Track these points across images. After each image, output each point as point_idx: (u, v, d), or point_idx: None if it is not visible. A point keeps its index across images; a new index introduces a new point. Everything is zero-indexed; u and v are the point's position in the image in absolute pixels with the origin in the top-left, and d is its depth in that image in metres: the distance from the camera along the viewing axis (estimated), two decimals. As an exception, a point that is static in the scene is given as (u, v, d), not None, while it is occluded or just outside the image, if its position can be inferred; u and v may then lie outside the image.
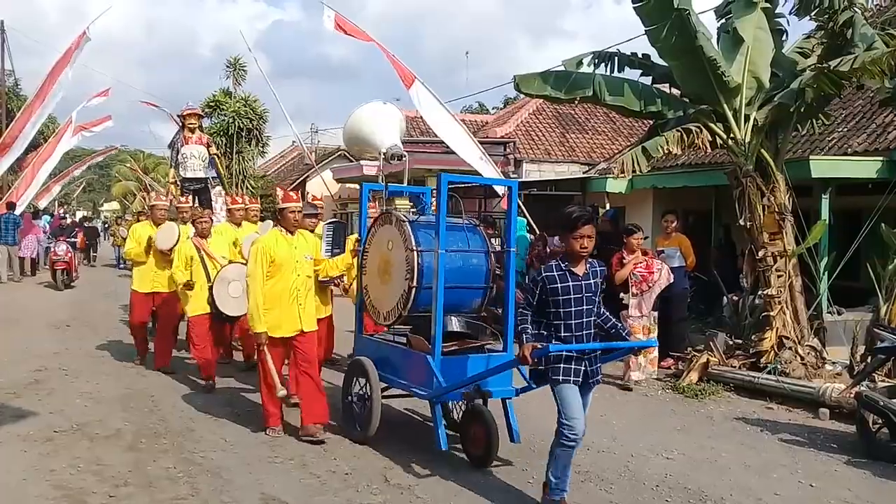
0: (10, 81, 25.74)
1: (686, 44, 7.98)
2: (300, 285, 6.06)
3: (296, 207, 6.09)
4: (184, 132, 10.83)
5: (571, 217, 4.41)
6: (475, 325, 6.09)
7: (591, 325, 4.55)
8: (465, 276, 5.70)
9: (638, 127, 18.04)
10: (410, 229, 5.62)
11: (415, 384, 5.61)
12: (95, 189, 64.33)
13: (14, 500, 4.66)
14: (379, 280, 5.99)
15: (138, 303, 8.79)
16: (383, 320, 6.00)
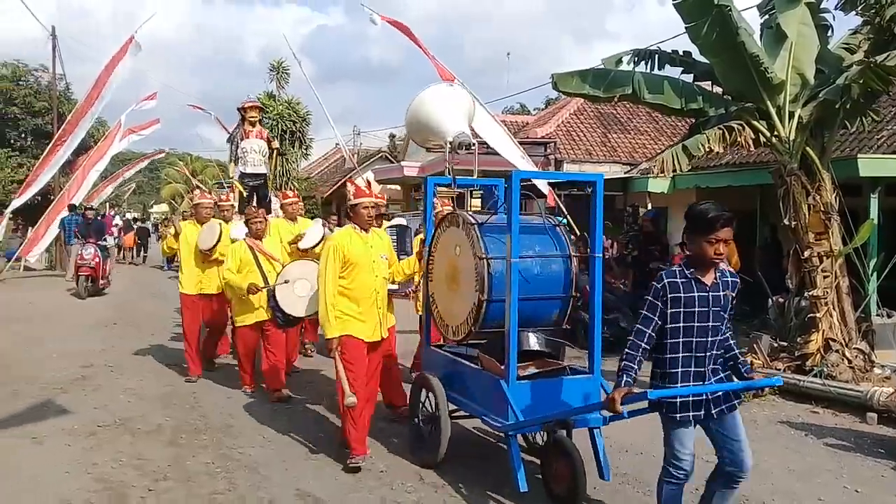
0: (61, 85, 26.36)
1: (728, 40, 7.83)
2: (379, 287, 5.57)
3: (369, 203, 5.57)
4: (244, 126, 10.35)
5: (707, 216, 3.61)
6: (555, 343, 5.41)
7: (716, 348, 3.77)
8: (543, 285, 4.98)
9: (681, 126, 17.78)
10: (479, 233, 4.93)
11: (487, 411, 4.94)
12: (145, 191, 65.70)
13: (57, 492, 4.78)
14: (447, 288, 5.40)
15: (188, 306, 8.43)
16: (452, 335, 5.33)
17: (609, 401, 3.70)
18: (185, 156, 50.17)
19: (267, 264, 7.39)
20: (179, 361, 9.01)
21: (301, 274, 6.89)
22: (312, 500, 4.77)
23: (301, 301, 6.80)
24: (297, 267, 7.07)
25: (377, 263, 5.57)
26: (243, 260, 7.36)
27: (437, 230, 5.64)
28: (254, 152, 10.28)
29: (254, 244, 7.48)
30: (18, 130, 26.07)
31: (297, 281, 6.86)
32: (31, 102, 25.75)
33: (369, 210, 5.55)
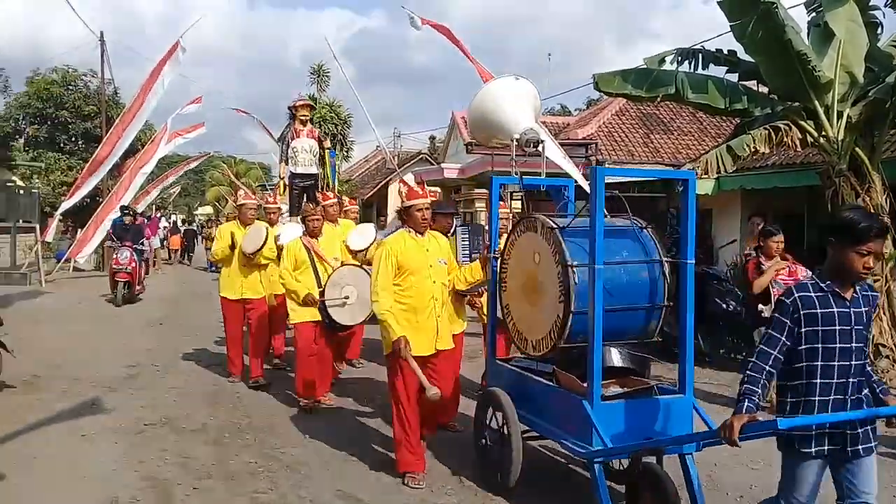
0: (109, 90, 26.97)
1: (774, 38, 7.71)
2: (437, 294, 5.17)
3: (423, 204, 5.15)
4: (294, 124, 10.02)
5: (858, 225, 3.14)
6: (640, 358, 4.92)
7: (859, 373, 3.29)
8: (632, 295, 4.50)
9: (726, 127, 17.52)
10: (561, 238, 4.47)
11: (565, 434, 4.44)
12: (190, 194, 66.80)
13: (104, 488, 4.88)
14: (525, 300, 4.91)
15: (229, 311, 8.21)
16: (532, 350, 4.83)
17: (726, 429, 3.12)
18: (228, 159, 50.96)
19: (320, 265, 7.08)
20: (223, 362, 9.14)
21: (351, 279, 6.66)
22: (353, 500, 4.80)
23: (348, 310, 6.62)
24: (349, 272, 6.79)
25: (435, 269, 5.20)
26: (299, 259, 7.00)
27: (510, 235, 5.16)
28: (304, 152, 9.97)
29: (309, 244, 7.10)
30: (68, 134, 26.74)
31: (346, 287, 6.62)
32: (81, 106, 26.41)
33: (424, 212, 5.15)
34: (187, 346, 10.23)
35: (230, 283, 8.16)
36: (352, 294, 6.62)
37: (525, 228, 4.95)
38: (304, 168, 9.97)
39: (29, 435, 6.01)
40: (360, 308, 6.56)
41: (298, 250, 7.04)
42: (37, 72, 27.29)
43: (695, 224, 4.50)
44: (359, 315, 6.65)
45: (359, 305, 6.54)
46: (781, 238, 7.13)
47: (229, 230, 8.21)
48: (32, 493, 4.79)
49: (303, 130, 10.02)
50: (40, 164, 25.67)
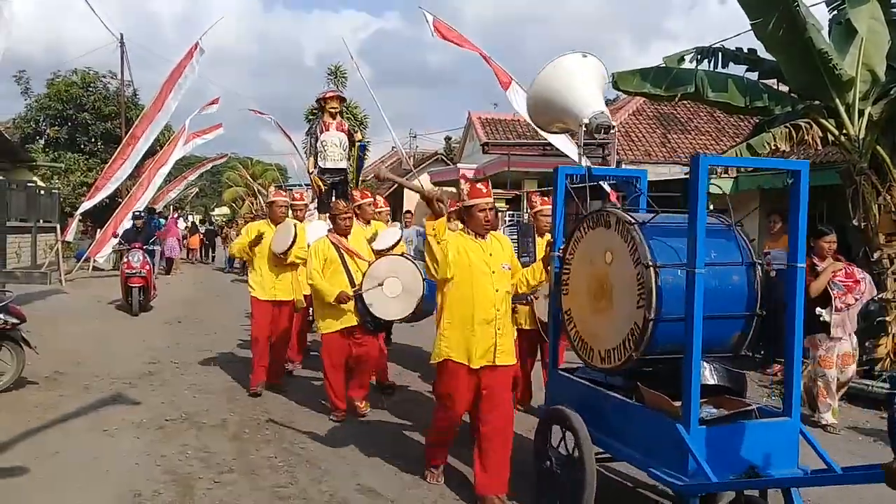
0: (129, 91, 27.20)
1: (795, 36, 7.67)
2: (499, 303, 4.68)
3: (486, 204, 4.69)
4: (323, 117, 9.44)
5: None
6: (737, 375, 4.28)
7: None
8: (722, 302, 3.96)
9: (744, 127, 17.42)
10: (642, 235, 3.92)
11: (654, 462, 3.85)
12: (207, 195, 67.16)
13: (127, 482, 4.93)
14: (590, 305, 4.35)
15: (259, 312, 7.70)
16: (601, 362, 4.26)
17: None
18: (245, 160, 51.24)
19: (353, 263, 6.58)
20: (242, 359, 9.21)
21: (390, 271, 6.00)
22: (373, 494, 4.82)
23: (393, 302, 5.93)
24: (385, 264, 6.14)
25: (497, 275, 4.69)
26: (328, 258, 6.52)
27: (575, 231, 4.55)
28: (334, 146, 9.40)
29: (338, 241, 6.61)
30: (88, 135, 27.00)
31: (386, 279, 5.94)
32: (101, 108, 26.66)
33: (487, 213, 4.66)
34: (206, 344, 10.29)
35: (262, 283, 7.72)
36: (393, 285, 5.94)
37: (594, 224, 4.37)
38: (333, 163, 9.42)
39: (51, 430, 6.08)
40: (405, 299, 5.93)
41: (326, 249, 6.56)
42: (57, 73, 27.62)
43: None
44: (406, 306, 5.95)
45: (404, 296, 5.92)
46: (834, 238, 6.87)
47: (257, 228, 7.76)
48: (56, 487, 4.84)
49: (332, 123, 9.45)
50: (60, 165, 25.93)
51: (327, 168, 9.41)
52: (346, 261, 6.56)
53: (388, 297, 5.91)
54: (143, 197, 20.07)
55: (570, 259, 4.60)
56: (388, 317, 6.04)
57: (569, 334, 4.60)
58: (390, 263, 6.12)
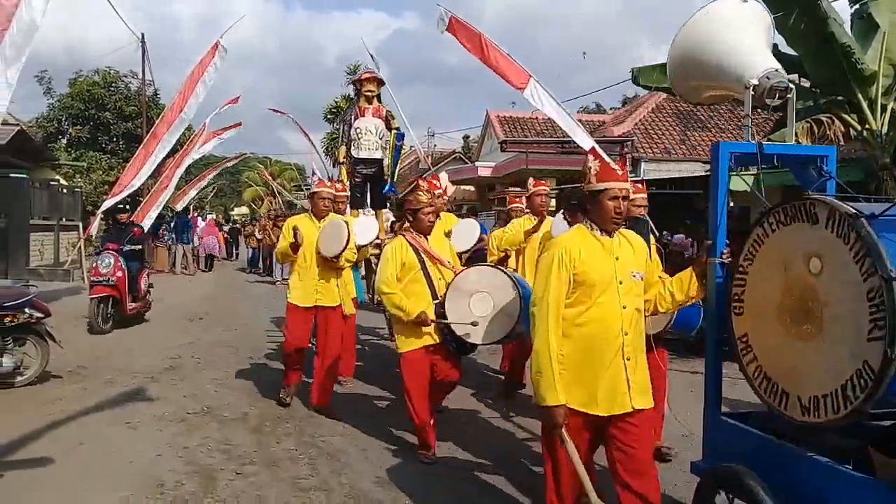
0: (150, 91, 27.45)
1: (816, 30, 7.63)
2: (629, 326, 3.41)
3: (621, 191, 3.39)
4: (359, 102, 8.44)
5: None
6: None
7: None
8: None
9: (764, 124, 17.29)
10: (875, 234, 2.77)
11: None
12: (226, 194, 67.67)
13: (150, 473, 4.99)
14: (782, 331, 3.22)
15: (295, 321, 6.69)
16: (804, 414, 3.10)
17: None
18: (264, 159, 51.58)
19: (435, 270, 5.37)
20: (262, 354, 9.29)
21: (479, 285, 5.03)
22: (392, 487, 4.84)
23: (482, 324, 4.97)
24: (474, 276, 5.13)
25: (626, 286, 3.43)
26: (406, 263, 5.31)
27: (756, 228, 3.43)
28: (369, 133, 8.35)
29: (418, 243, 5.38)
30: (110, 134, 27.29)
31: (474, 295, 5.00)
32: (122, 107, 26.94)
33: (620, 202, 3.41)
34: (227, 340, 10.39)
35: (303, 288, 6.64)
36: (483, 302, 4.98)
37: (787, 218, 3.24)
38: (367, 152, 8.38)
39: (76, 422, 6.16)
40: (497, 320, 4.93)
41: (404, 252, 5.34)
42: (79, 73, 27.94)
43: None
44: (496, 329, 4.95)
45: (495, 316, 4.94)
46: None
47: (294, 225, 6.60)
48: (81, 477, 4.90)
49: (368, 109, 8.39)
50: (83, 164, 26.23)
51: (361, 158, 8.38)
52: (427, 267, 5.34)
53: (475, 317, 4.99)
54: (163, 195, 20.23)
55: (745, 266, 3.49)
56: (475, 340, 5.06)
57: (744, 368, 3.48)
58: (480, 276, 5.11)
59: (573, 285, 3.39)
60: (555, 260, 3.39)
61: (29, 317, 7.25)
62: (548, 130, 20.73)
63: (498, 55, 11.05)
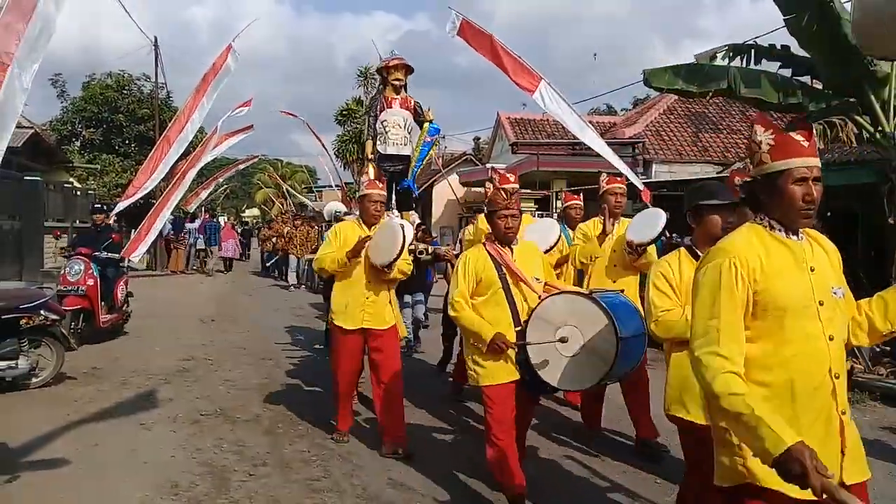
0: (162, 94, 27.61)
1: (829, 32, 7.61)
2: (839, 366, 2.42)
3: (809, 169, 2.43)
4: (385, 91, 7.49)
5: None
6: None
7: None
8: None
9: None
10: None
11: None
12: (238, 196, 67.97)
13: (164, 474, 5.03)
14: None
15: (345, 347, 5.70)
16: None
17: None
18: (276, 161, 51.77)
19: (518, 291, 4.41)
20: (274, 356, 9.34)
21: (569, 316, 4.11)
22: (404, 489, 4.86)
23: (570, 365, 4.08)
24: (562, 305, 4.20)
25: (827, 308, 2.43)
26: (484, 280, 4.37)
27: None
28: (396, 127, 7.40)
29: (500, 255, 4.40)
30: (123, 137, 27.48)
31: (562, 328, 4.08)
32: (135, 110, 27.11)
33: (810, 187, 2.42)
34: (239, 341, 10.45)
35: (348, 306, 5.66)
36: (572, 338, 4.06)
37: None
38: (395, 148, 7.43)
39: (90, 423, 6.21)
40: (588, 363, 4.06)
41: (482, 265, 4.40)
42: (92, 77, 28.13)
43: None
44: (586, 373, 4.10)
45: (586, 357, 4.05)
46: None
47: (346, 232, 5.75)
48: (98, 476, 4.95)
49: (395, 99, 7.44)
50: (96, 167, 26.42)
51: (388, 154, 7.42)
52: (509, 286, 4.39)
53: (560, 356, 4.10)
54: (174, 197, 20.36)
55: None
56: (553, 381, 4.17)
57: None
58: (571, 305, 4.18)
59: (754, 309, 2.37)
60: (723, 273, 2.36)
61: (44, 319, 7.32)
62: (559, 132, 20.72)
63: (508, 57, 11.03)
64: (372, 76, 29.23)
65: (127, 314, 10.96)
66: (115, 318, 10.36)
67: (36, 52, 5.14)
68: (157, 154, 18.09)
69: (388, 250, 5.45)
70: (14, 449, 5.41)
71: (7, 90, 5.02)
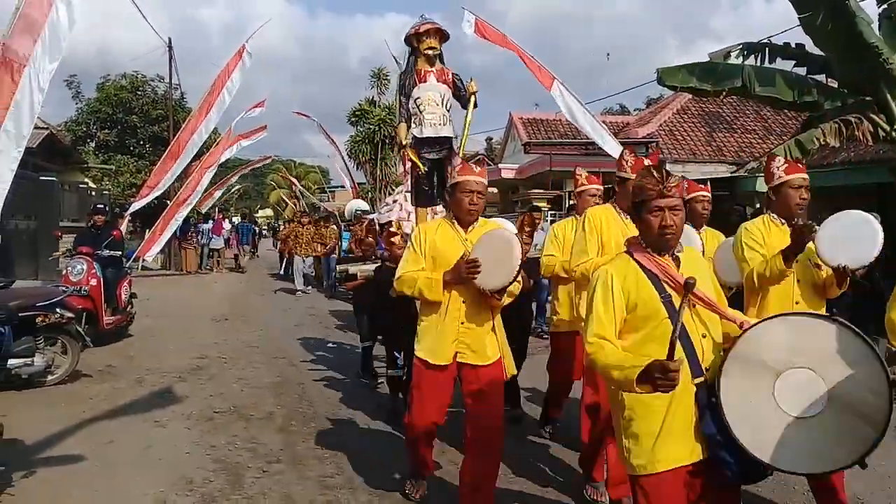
0: (176, 95, 27.76)
1: (844, 30, 7.56)
2: None
3: None
4: (417, 64, 6.09)
5: None
6: None
7: None
8: None
9: (791, 125, 17.15)
10: None
11: None
12: (251, 196, 68.25)
13: (179, 471, 5.06)
14: None
15: (426, 385, 4.29)
16: None
17: None
18: (289, 162, 51.95)
19: (694, 321, 2.83)
20: (287, 354, 9.38)
21: (796, 353, 2.70)
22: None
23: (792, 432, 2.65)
24: (785, 333, 2.75)
25: None
26: (640, 306, 2.85)
27: None
28: (433, 105, 6.05)
29: (660, 267, 2.88)
30: (137, 138, 27.63)
31: (784, 374, 2.69)
32: (149, 111, 27.26)
33: None
34: (252, 340, 10.49)
35: (438, 337, 4.21)
36: (808, 392, 2.65)
37: None
38: (433, 129, 6.07)
39: (106, 421, 6.26)
40: (837, 427, 2.62)
41: (634, 283, 2.88)
42: (107, 78, 28.30)
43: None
44: (839, 447, 2.63)
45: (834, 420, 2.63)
46: None
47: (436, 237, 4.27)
48: (111, 474, 4.98)
49: (430, 72, 6.09)
50: (111, 167, 26.58)
51: (425, 138, 6.08)
52: (677, 312, 2.65)
53: (785, 417, 2.66)
54: (190, 197, 20.47)
55: None
56: (766, 457, 2.66)
57: None
58: (796, 335, 2.72)
59: None
60: None
61: (60, 317, 7.38)
62: (572, 132, 20.67)
63: (523, 56, 11.01)
64: (385, 77, 29.21)
65: (131, 316, 10.63)
66: (119, 319, 10.07)
67: (53, 53, 5.19)
68: (170, 155, 18.24)
69: (501, 269, 3.95)
70: (30, 445, 5.46)
71: (24, 90, 5.08)
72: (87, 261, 9.58)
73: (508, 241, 4.01)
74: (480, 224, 4.29)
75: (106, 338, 9.61)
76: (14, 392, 7.00)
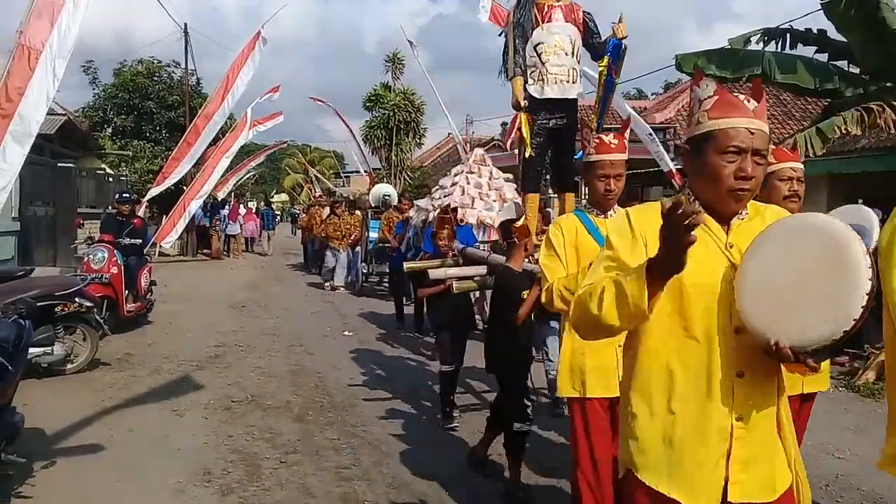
0: (192, 80, 27.77)
1: (867, 16, 7.44)
2: None
3: None
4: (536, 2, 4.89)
5: None
6: None
7: None
8: None
9: (811, 110, 16.92)
10: None
11: None
12: (267, 181, 68.43)
13: (197, 461, 5.10)
14: None
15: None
16: None
17: None
18: (304, 147, 52.01)
19: None
20: (304, 342, 9.41)
21: None
22: (434, 478, 4.86)
23: None
24: None
25: None
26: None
27: None
28: (559, 54, 4.77)
29: None
30: (153, 124, 27.68)
31: None
32: (165, 97, 27.29)
33: None
34: (269, 328, 10.54)
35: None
36: None
37: None
38: (558, 88, 4.81)
39: (125, 410, 6.31)
40: None
41: None
42: (123, 64, 28.34)
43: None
44: None
45: None
46: None
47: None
48: (133, 462, 5.03)
49: (556, 7, 4.85)
50: (128, 153, 26.66)
51: (545, 99, 4.88)
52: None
53: None
54: (207, 183, 20.53)
55: None
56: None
57: None
58: None
59: None
60: None
61: (79, 306, 7.42)
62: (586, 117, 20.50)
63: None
64: (400, 61, 29.05)
65: (150, 303, 10.70)
66: (138, 307, 10.11)
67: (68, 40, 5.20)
68: (186, 142, 18.30)
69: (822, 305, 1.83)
70: (50, 434, 5.51)
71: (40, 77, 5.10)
72: (109, 248, 9.60)
73: (840, 245, 1.84)
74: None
75: (125, 325, 9.64)
76: (35, 380, 7.07)
